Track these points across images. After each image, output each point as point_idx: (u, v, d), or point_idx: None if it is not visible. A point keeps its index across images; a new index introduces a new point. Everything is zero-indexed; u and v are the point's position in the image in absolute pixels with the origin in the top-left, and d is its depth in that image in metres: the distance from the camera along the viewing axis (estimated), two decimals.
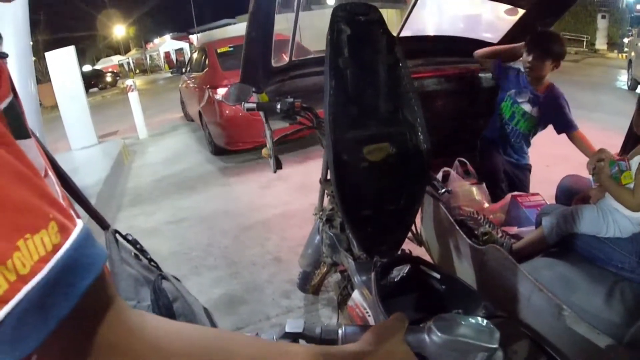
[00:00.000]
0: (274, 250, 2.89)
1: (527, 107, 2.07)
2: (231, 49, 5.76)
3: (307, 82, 1.68)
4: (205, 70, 5.88)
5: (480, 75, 2.31)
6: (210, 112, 5.37)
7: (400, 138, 1.00)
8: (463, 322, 0.55)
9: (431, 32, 2.44)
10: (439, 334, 0.53)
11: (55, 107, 6.92)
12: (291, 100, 1.19)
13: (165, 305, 0.54)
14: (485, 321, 0.57)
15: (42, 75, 10.74)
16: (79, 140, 6.24)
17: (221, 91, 5.02)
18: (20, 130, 0.34)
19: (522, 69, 2.05)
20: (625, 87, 7.56)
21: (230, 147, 5.16)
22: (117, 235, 0.63)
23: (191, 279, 2.65)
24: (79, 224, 0.31)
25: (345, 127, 0.96)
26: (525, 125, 2.10)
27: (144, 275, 0.55)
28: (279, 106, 1.19)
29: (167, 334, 0.35)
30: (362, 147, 0.96)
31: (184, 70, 7.99)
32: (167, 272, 0.62)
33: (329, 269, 1.65)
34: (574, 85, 5.34)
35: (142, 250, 0.67)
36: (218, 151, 5.51)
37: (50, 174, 0.45)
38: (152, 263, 0.65)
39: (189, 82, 6.75)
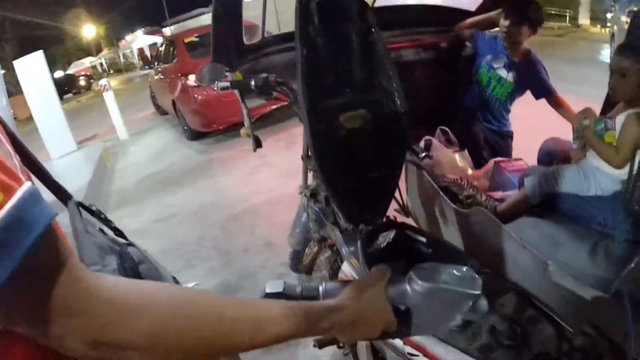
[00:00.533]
0: (265, 236, 2.88)
1: (502, 73, 2.07)
2: (197, 38, 6.10)
3: (282, 58, 1.65)
4: (174, 60, 6.09)
5: (459, 44, 2.30)
6: (183, 99, 5.62)
7: (377, 104, 0.99)
8: (443, 270, 0.55)
9: (408, 1, 2.40)
10: (420, 282, 0.53)
11: (30, 118, 6.67)
12: (265, 75, 1.17)
13: (131, 267, 0.54)
14: (465, 268, 0.56)
15: (13, 87, 10.36)
16: (58, 148, 6.08)
17: (193, 77, 5.19)
18: None
19: (500, 36, 2.05)
20: (608, 61, 7.57)
21: (206, 128, 5.43)
22: (81, 208, 0.62)
23: (185, 272, 2.63)
24: (26, 184, 0.30)
25: (320, 96, 0.94)
26: (501, 91, 2.11)
27: (109, 245, 0.54)
28: (253, 82, 1.17)
29: (125, 291, 0.35)
30: (339, 115, 0.95)
31: (152, 65, 8.19)
32: (134, 242, 0.62)
33: (319, 246, 1.65)
34: (557, 60, 5.37)
35: (107, 220, 0.66)
36: (194, 136, 5.74)
37: (6, 143, 0.44)
38: (117, 232, 0.65)
39: (158, 75, 6.91)
